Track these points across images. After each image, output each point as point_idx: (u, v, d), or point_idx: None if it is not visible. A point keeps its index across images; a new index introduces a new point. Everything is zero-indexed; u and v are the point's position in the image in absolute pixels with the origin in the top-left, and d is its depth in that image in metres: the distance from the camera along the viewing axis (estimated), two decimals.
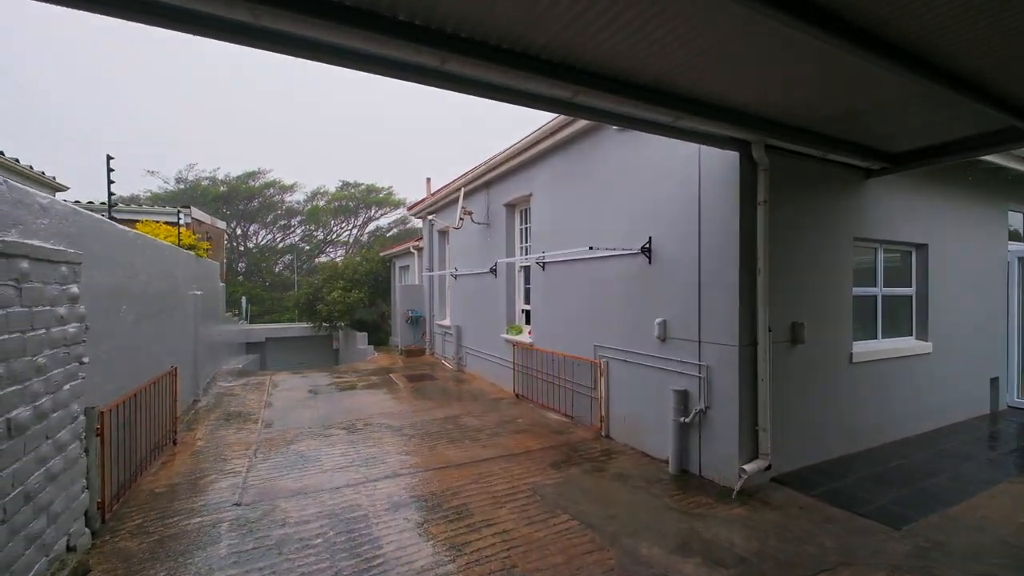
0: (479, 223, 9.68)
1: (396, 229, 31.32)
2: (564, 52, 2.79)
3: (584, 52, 2.79)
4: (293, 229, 31.10)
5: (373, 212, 31.98)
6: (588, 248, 5.82)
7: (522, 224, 8.76)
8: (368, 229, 32.17)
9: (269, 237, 30.79)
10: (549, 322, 7.29)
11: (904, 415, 5.74)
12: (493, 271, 9.20)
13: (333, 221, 31.49)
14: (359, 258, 21.30)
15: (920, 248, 6.14)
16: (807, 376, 4.80)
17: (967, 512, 3.91)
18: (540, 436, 5.94)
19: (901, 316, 6.10)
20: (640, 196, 5.42)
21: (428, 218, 13.24)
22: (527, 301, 8.46)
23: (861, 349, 5.35)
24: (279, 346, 19.09)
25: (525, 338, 8.01)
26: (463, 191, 9.88)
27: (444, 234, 12.53)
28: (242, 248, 29.22)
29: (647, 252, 5.24)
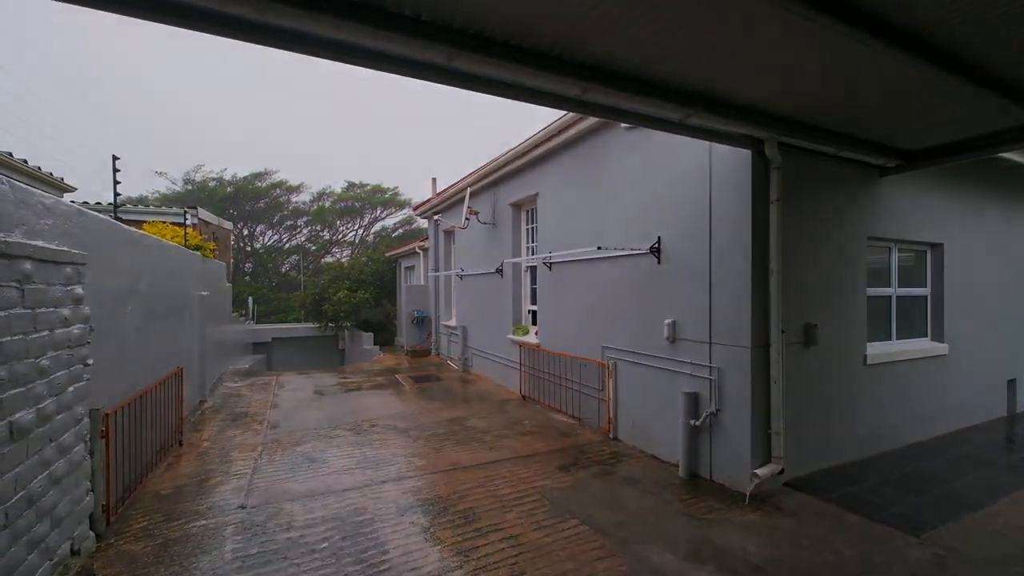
0: (485, 223, 9.62)
1: (402, 229, 31.29)
2: (574, 48, 2.73)
3: (595, 48, 2.73)
4: (299, 229, 31.14)
5: (379, 212, 31.97)
6: (596, 248, 5.75)
7: (528, 224, 8.69)
8: (374, 229, 32.16)
9: (276, 238, 30.86)
10: (556, 323, 7.22)
11: (919, 418, 5.62)
12: (499, 271, 9.13)
13: (339, 221, 31.52)
14: (365, 258, 21.31)
15: (935, 247, 6.02)
16: (820, 378, 4.70)
17: (987, 519, 3.81)
18: (547, 438, 5.87)
19: (916, 317, 5.98)
20: (649, 195, 5.33)
21: (434, 218, 13.20)
22: (533, 301, 8.39)
23: (875, 351, 5.24)
24: (285, 346, 19.11)
25: (531, 339, 7.94)
26: (469, 191, 9.82)
27: (450, 234, 12.48)
28: (249, 249, 29.30)
29: (656, 252, 5.16)
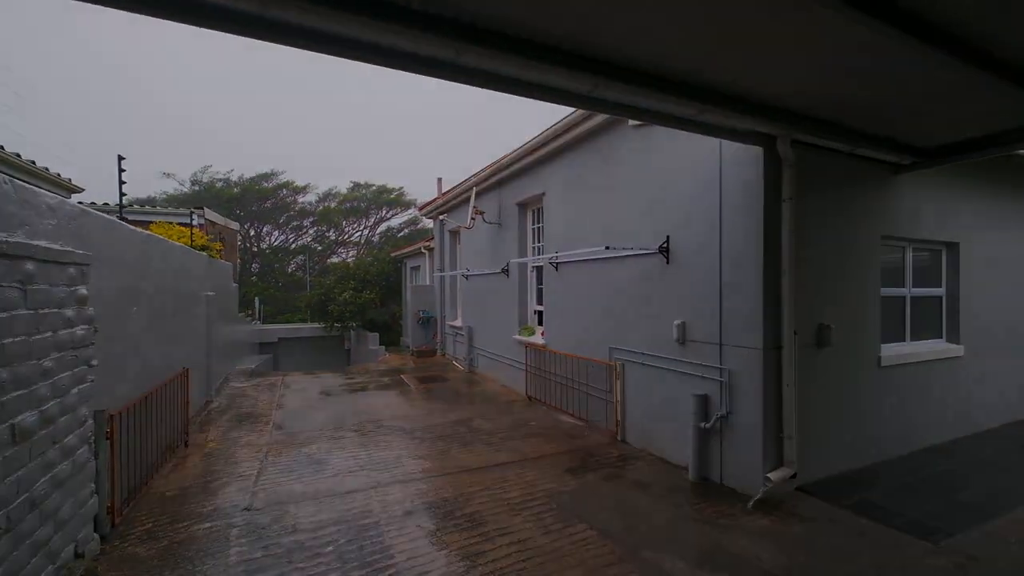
0: (491, 223, 9.57)
1: (407, 230, 31.36)
2: (584, 42, 2.66)
3: (605, 42, 2.66)
4: (306, 230, 31.27)
5: (384, 213, 32.06)
6: (604, 248, 5.67)
7: (535, 224, 8.62)
8: (379, 230, 32.27)
9: (282, 238, 31.00)
10: (562, 323, 7.15)
11: (935, 421, 5.50)
12: (505, 271, 9.08)
13: (345, 222, 31.62)
14: (370, 259, 21.33)
15: (951, 247, 5.90)
16: (834, 381, 4.60)
17: (1009, 526, 3.70)
18: (554, 440, 5.81)
19: (931, 318, 5.86)
20: (657, 194, 5.25)
21: (439, 218, 13.16)
22: (540, 302, 8.32)
23: (890, 352, 5.13)
24: (292, 346, 19.16)
25: (538, 339, 7.87)
26: (475, 191, 9.77)
27: (455, 234, 12.44)
28: (255, 249, 29.43)
29: (665, 252, 5.08)
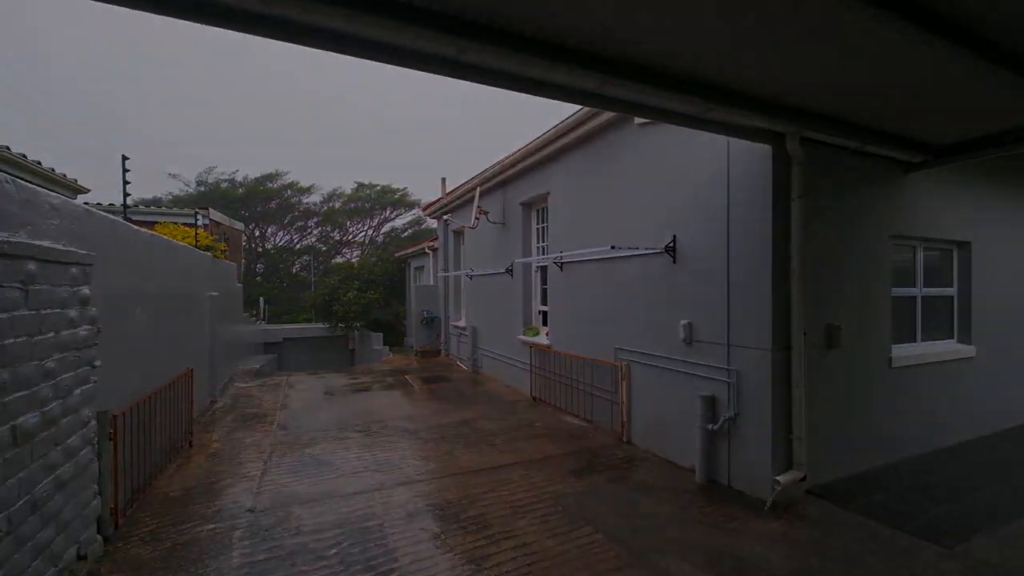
0: (495, 223, 9.53)
1: (411, 230, 31.36)
2: (590, 38, 2.61)
3: (612, 38, 2.61)
4: (310, 230, 31.33)
5: (388, 213, 32.08)
6: (609, 247, 5.62)
7: (539, 223, 8.58)
8: (383, 230, 32.29)
9: (287, 238, 31.08)
10: (567, 323, 7.10)
11: (947, 422, 5.42)
12: (509, 271, 9.03)
13: (349, 222, 31.67)
14: (374, 259, 21.35)
15: (962, 246, 5.81)
16: (844, 382, 4.54)
17: (1023, 531, 3.62)
18: (559, 441, 5.76)
19: (942, 318, 5.77)
20: (664, 193, 5.20)
21: (443, 218, 13.14)
22: (544, 302, 8.28)
23: (901, 353, 5.05)
24: (296, 346, 19.20)
25: (542, 339, 7.83)
26: (478, 190, 9.73)
27: (459, 234, 12.41)
28: (260, 249, 29.52)
29: (671, 251, 5.03)
